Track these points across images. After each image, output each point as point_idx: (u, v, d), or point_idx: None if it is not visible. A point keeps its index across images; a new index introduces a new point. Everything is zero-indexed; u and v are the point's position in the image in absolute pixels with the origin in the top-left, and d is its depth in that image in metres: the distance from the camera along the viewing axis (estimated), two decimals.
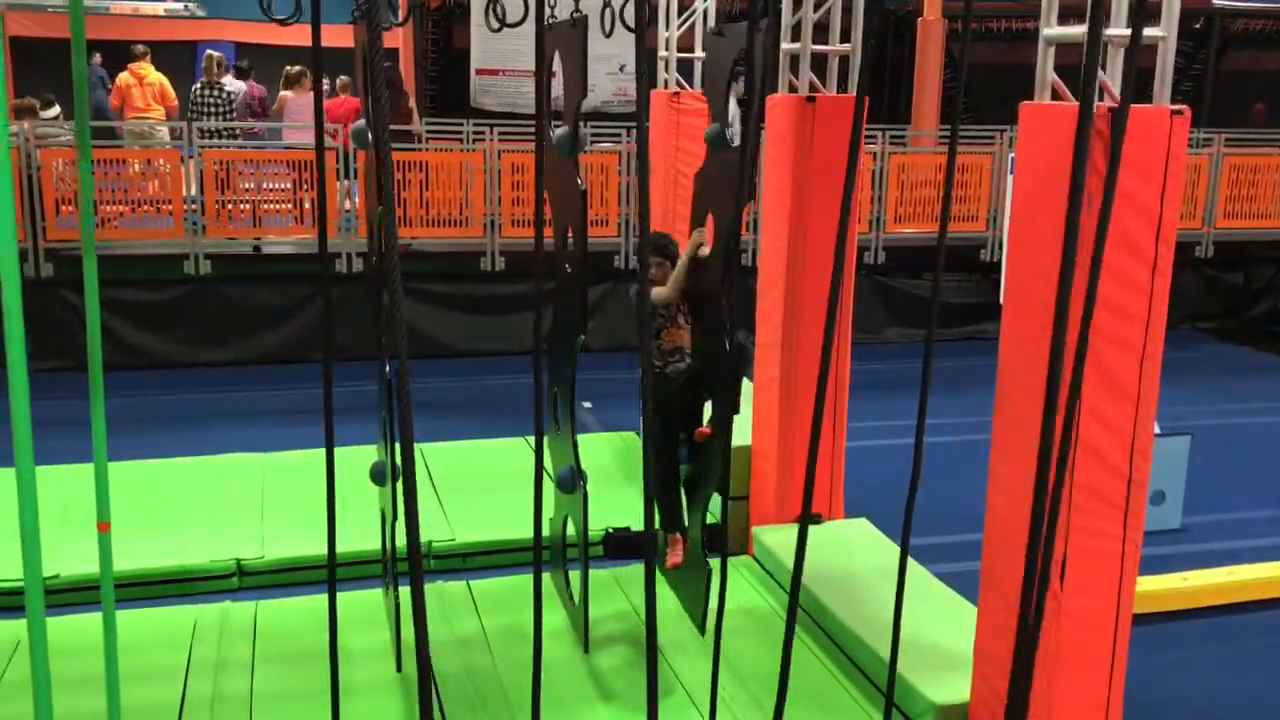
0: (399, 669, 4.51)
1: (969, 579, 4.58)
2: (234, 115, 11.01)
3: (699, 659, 4.67)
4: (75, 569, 5.14)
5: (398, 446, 4.19)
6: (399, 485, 4.31)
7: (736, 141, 4.33)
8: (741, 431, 5.32)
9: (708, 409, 4.71)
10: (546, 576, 5.06)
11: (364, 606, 5.00)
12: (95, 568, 3.37)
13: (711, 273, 4.42)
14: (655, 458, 4.69)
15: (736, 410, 4.16)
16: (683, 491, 4.82)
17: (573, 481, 4.39)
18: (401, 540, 5.79)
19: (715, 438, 4.23)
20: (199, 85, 10.96)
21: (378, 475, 4.45)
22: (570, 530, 4.64)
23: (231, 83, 11.66)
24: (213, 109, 10.87)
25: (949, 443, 6.47)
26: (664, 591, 5.24)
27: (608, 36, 6.47)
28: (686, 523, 4.79)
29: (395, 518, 4.36)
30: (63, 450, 5.55)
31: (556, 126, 4.19)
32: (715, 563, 4.06)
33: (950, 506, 5.51)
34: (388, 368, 4.22)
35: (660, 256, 4.71)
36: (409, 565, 2.47)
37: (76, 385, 6.38)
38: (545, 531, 4.95)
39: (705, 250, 4.64)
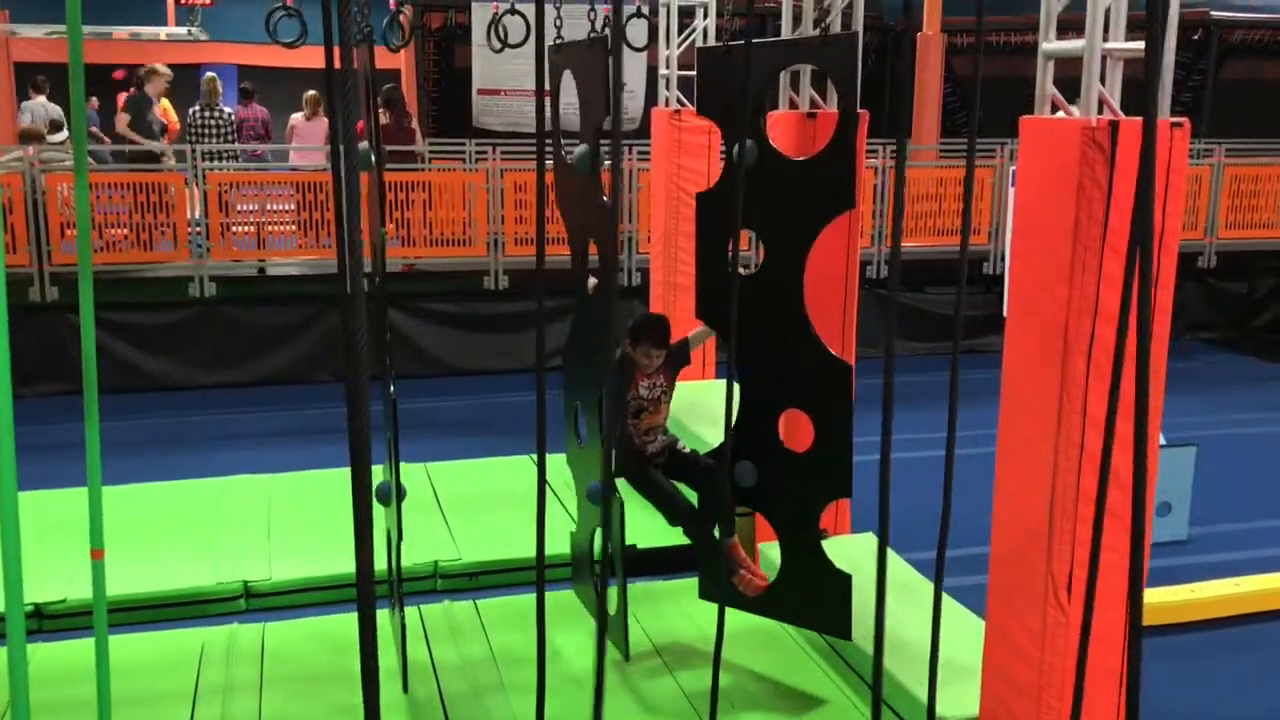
0: (405, 689, 4.50)
1: (970, 592, 4.58)
2: (233, 138, 11.06)
3: (702, 672, 4.67)
4: (84, 593, 5.13)
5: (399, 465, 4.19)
6: (400, 504, 4.34)
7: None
8: None
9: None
10: (561, 595, 5.09)
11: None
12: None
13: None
14: (681, 517, 4.60)
15: (848, 424, 4.13)
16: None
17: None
18: (409, 561, 5.80)
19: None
20: (196, 108, 11.02)
21: (383, 495, 4.47)
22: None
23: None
24: (213, 131, 10.93)
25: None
26: (666, 607, 5.25)
27: None
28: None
29: (400, 537, 4.36)
30: (72, 474, 5.55)
31: (570, 146, 4.21)
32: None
33: (954, 520, 5.50)
34: (392, 388, 4.24)
35: (660, 348, 4.43)
36: (358, 589, 2.39)
37: (82, 410, 6.42)
38: (567, 547, 4.97)
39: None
